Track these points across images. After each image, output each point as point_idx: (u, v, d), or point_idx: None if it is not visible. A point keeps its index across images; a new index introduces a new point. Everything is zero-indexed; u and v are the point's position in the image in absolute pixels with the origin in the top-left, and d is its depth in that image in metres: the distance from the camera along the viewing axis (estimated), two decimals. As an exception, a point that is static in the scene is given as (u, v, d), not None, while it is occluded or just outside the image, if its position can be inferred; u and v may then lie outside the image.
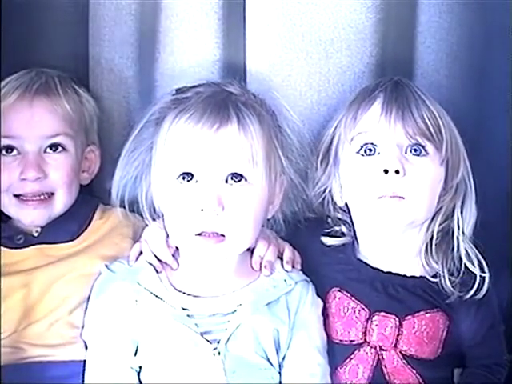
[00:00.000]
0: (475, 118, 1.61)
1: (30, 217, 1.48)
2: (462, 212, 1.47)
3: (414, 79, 1.59)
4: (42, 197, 1.47)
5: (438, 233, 1.46)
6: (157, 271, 1.41)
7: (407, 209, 1.41)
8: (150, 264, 1.42)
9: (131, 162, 1.45)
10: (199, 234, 1.36)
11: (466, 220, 1.47)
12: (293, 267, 1.46)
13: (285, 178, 1.44)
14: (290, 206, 1.47)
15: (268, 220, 1.46)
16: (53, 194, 1.48)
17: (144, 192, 1.45)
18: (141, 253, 1.45)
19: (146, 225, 1.51)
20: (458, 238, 1.46)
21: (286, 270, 1.44)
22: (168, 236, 1.42)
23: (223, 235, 1.35)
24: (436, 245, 1.46)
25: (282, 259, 1.46)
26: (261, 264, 1.44)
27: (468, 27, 1.59)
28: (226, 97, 1.41)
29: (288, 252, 1.47)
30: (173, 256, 1.43)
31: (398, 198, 1.41)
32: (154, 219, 1.46)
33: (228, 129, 1.36)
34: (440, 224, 1.47)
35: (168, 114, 1.41)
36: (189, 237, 1.36)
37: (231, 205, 1.35)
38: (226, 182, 1.36)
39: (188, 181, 1.36)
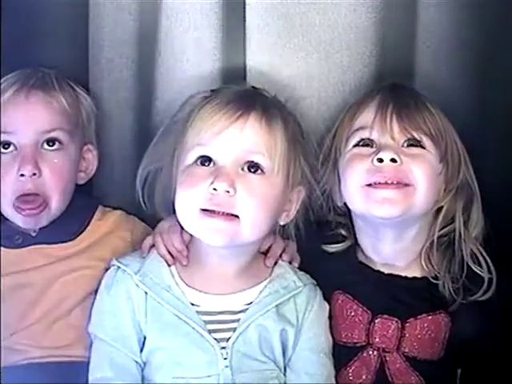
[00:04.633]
0: (476, 118, 1.61)
1: (27, 222, 1.47)
2: (469, 216, 1.47)
3: (414, 79, 1.59)
4: (38, 206, 1.46)
5: (439, 238, 1.46)
6: (169, 265, 1.41)
7: (405, 196, 1.40)
8: (162, 258, 1.41)
9: (154, 154, 1.47)
10: (206, 211, 1.34)
11: (473, 224, 1.47)
12: (290, 263, 1.46)
13: (303, 190, 1.44)
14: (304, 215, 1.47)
15: (283, 226, 1.45)
16: (47, 200, 1.46)
17: (162, 185, 1.45)
18: (153, 246, 1.44)
19: (146, 228, 1.52)
20: (459, 242, 1.45)
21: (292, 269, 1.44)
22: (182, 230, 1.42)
23: (237, 216, 1.34)
24: (438, 251, 1.46)
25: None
26: (275, 259, 1.44)
27: (468, 27, 1.59)
28: (254, 93, 1.45)
29: (290, 249, 1.48)
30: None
31: (394, 184, 1.40)
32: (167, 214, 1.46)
33: (251, 116, 1.37)
34: (442, 227, 1.46)
35: (196, 107, 1.43)
36: (195, 213, 1.34)
37: (244, 191, 1.34)
38: (243, 169, 1.36)
39: (206, 165, 1.36)
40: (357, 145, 1.45)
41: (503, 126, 1.61)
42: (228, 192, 1.33)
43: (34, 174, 1.45)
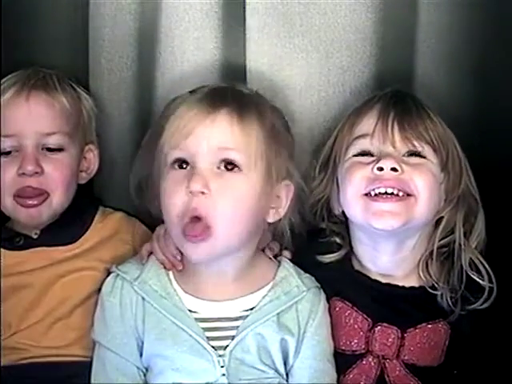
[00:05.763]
0: (476, 118, 1.60)
1: (28, 215, 1.47)
2: (470, 226, 1.45)
3: (414, 79, 1.59)
4: (39, 196, 1.46)
5: (438, 248, 1.44)
6: (166, 268, 1.40)
7: (406, 207, 1.39)
8: (161, 263, 1.40)
9: (142, 161, 1.46)
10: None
11: (474, 234, 1.45)
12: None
13: (292, 184, 1.39)
14: (297, 214, 1.43)
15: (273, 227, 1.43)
16: (49, 193, 1.47)
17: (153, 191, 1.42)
18: (151, 252, 1.43)
19: (146, 230, 1.51)
20: (459, 253, 1.43)
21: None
22: None
23: (209, 226, 1.31)
24: (437, 261, 1.44)
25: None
26: (274, 252, 1.43)
27: (468, 27, 1.59)
28: (227, 89, 1.40)
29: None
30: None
31: (394, 196, 1.39)
32: None
33: (221, 113, 1.33)
34: (441, 238, 1.44)
35: (171, 109, 1.40)
36: (174, 220, 1.33)
37: (219, 190, 1.31)
38: (219, 168, 1.33)
39: (184, 167, 1.34)
40: (357, 153, 1.43)
41: (503, 126, 1.61)
42: (203, 193, 1.31)
43: (36, 173, 1.45)
